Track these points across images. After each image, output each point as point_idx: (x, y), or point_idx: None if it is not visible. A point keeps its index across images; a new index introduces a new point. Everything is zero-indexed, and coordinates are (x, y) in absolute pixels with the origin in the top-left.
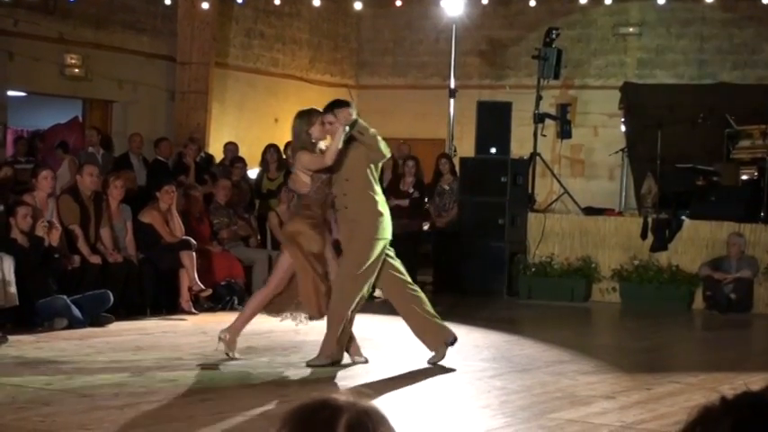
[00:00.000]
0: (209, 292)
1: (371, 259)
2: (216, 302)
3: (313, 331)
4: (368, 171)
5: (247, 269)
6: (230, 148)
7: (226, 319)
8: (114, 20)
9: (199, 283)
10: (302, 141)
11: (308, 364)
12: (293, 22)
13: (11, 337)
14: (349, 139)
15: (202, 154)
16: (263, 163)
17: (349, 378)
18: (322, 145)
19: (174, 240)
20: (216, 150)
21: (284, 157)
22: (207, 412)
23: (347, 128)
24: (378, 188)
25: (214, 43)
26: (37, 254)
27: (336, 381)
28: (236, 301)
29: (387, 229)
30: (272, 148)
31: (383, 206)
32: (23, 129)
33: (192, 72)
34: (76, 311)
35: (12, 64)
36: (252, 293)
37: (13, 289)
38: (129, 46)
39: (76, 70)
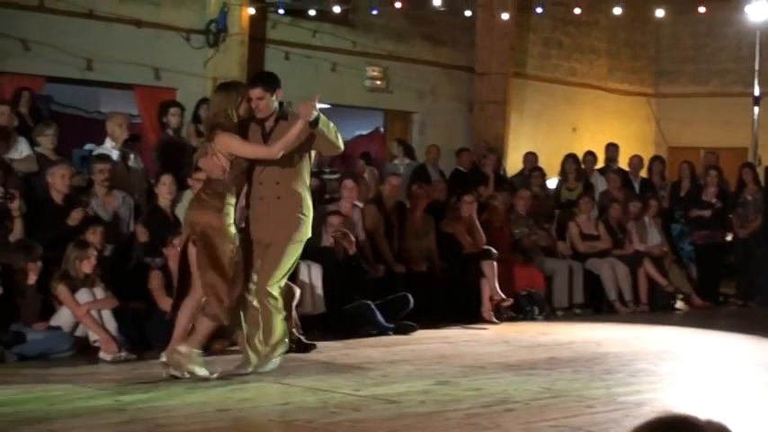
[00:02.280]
0: (511, 301)
1: (293, 261)
2: (517, 312)
3: (615, 343)
4: (306, 161)
5: (548, 279)
6: (529, 158)
7: (527, 329)
8: (414, 32)
9: (500, 292)
10: (222, 118)
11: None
12: (591, 30)
13: (319, 344)
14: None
15: (502, 164)
16: (562, 173)
17: (649, 391)
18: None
19: (476, 250)
20: (514, 160)
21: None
22: (513, 422)
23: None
24: (308, 183)
25: (512, 53)
26: (339, 262)
27: (639, 394)
28: (536, 311)
29: (309, 229)
30: (570, 157)
31: (310, 203)
32: None
33: (491, 82)
34: (381, 319)
35: (317, 77)
36: (551, 304)
37: (320, 296)
38: (429, 57)
39: (378, 82)
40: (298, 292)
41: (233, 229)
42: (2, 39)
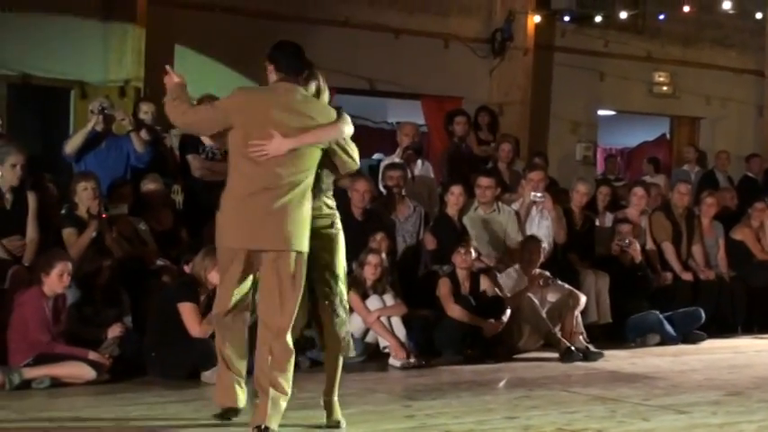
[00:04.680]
0: None
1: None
2: None
3: None
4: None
5: None
6: None
7: None
8: (702, 36)
9: None
10: None
11: None
12: None
13: (605, 352)
14: None
15: None
16: None
17: None
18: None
19: (767, 258)
20: None
21: None
22: None
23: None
24: (231, 177)
25: None
26: (626, 270)
27: None
28: None
29: (225, 234)
30: None
31: (227, 200)
32: (612, 147)
33: None
34: (669, 328)
35: (602, 84)
36: None
37: (606, 305)
38: (717, 62)
39: (664, 88)
40: (583, 299)
41: None
42: None
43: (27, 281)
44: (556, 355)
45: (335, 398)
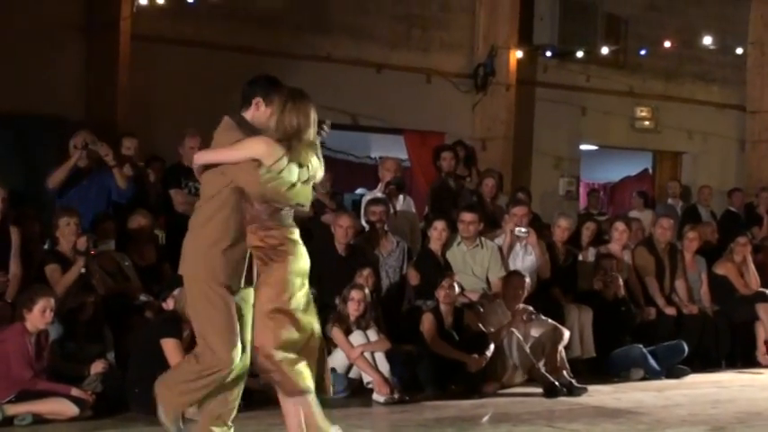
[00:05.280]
0: None
1: None
2: None
3: None
4: None
5: None
6: None
7: None
8: (684, 71)
9: None
10: None
11: None
12: None
13: (589, 387)
14: None
15: None
16: None
17: None
18: None
19: (750, 292)
20: None
21: None
22: None
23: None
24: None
25: None
26: (609, 305)
27: None
28: None
29: None
30: None
31: None
32: (594, 181)
33: (764, 121)
34: (652, 362)
35: (584, 119)
36: None
37: (590, 340)
38: (699, 96)
39: (646, 123)
40: (566, 334)
41: None
42: None
43: (9, 317)
44: (540, 390)
45: None
